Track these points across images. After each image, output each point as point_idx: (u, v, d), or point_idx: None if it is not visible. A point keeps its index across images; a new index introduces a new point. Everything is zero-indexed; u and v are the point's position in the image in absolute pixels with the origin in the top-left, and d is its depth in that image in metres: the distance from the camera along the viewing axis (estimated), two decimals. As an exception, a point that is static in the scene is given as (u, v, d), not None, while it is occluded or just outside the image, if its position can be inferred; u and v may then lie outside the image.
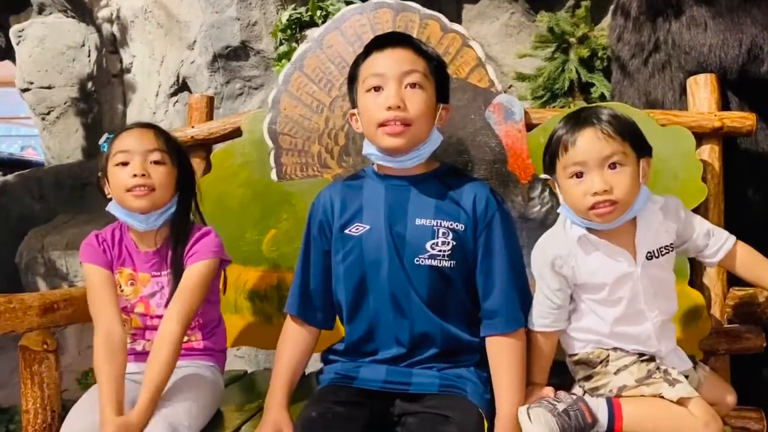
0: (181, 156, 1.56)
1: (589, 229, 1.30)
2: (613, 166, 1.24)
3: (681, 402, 1.21)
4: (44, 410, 1.45)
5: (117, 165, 1.47)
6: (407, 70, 1.32)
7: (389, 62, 1.33)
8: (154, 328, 1.48)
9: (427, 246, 1.33)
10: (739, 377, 1.63)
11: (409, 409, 1.29)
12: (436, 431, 1.20)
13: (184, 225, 1.53)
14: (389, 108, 1.30)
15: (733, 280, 1.63)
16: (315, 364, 1.56)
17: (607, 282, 1.29)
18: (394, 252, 1.34)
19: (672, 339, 1.35)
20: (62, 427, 1.35)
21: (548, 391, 1.31)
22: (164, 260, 1.51)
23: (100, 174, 1.54)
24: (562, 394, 1.28)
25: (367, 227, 1.37)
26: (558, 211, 1.37)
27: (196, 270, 1.46)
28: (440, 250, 1.33)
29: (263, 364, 2.30)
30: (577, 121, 1.28)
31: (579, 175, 1.26)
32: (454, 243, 1.33)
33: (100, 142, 1.55)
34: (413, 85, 1.32)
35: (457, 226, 1.35)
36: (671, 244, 1.33)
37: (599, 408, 1.24)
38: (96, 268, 1.49)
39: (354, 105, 1.43)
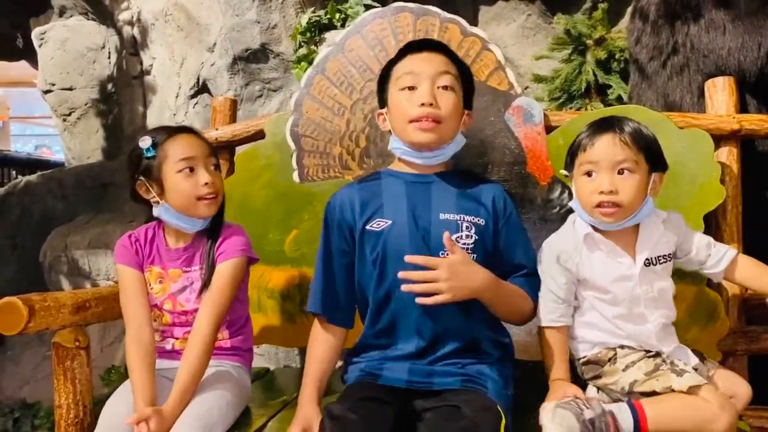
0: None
1: (595, 229, 1.38)
2: (622, 171, 1.33)
3: (691, 391, 1.24)
4: (76, 405, 1.49)
5: (180, 171, 1.48)
6: (441, 71, 1.40)
7: (424, 63, 1.41)
8: (183, 325, 1.52)
9: (452, 239, 1.36)
10: (757, 377, 1.64)
11: (429, 404, 1.32)
12: (447, 424, 1.22)
13: (219, 223, 1.56)
14: (422, 105, 1.37)
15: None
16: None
17: (606, 281, 1.36)
18: (420, 246, 1.37)
19: (673, 339, 1.40)
20: (101, 414, 1.40)
21: (575, 390, 1.32)
22: (194, 256, 1.55)
23: (141, 178, 1.51)
24: (594, 402, 1.28)
25: (389, 222, 1.41)
26: (570, 204, 1.44)
27: (225, 269, 1.49)
28: (464, 244, 1.38)
29: (284, 362, 2.33)
30: (601, 125, 1.38)
31: (591, 173, 1.35)
32: (477, 237, 1.39)
33: (144, 145, 1.50)
34: (446, 87, 1.40)
35: (478, 221, 1.41)
36: (670, 254, 1.40)
37: (622, 413, 1.24)
38: (128, 270, 1.54)
39: (383, 105, 1.48)
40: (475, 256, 1.38)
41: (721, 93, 1.78)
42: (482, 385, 1.34)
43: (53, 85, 3.73)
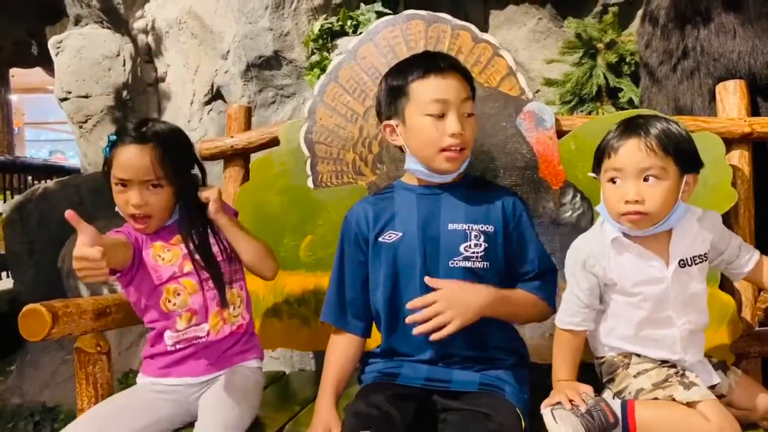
0: (180, 164, 1.51)
1: (624, 233, 1.34)
2: (648, 178, 1.28)
3: (692, 405, 1.23)
4: (98, 409, 1.53)
5: (117, 184, 1.49)
6: (464, 98, 1.42)
7: (451, 90, 1.41)
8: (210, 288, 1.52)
9: (461, 248, 1.40)
10: (771, 380, 1.65)
11: (450, 405, 1.34)
12: (479, 428, 1.24)
13: (190, 222, 1.53)
14: (452, 135, 1.38)
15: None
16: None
17: (634, 283, 1.33)
18: (429, 256, 1.40)
19: (700, 350, 1.37)
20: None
21: (576, 388, 1.32)
22: (173, 229, 1.54)
23: (105, 169, 1.52)
24: (586, 396, 1.30)
25: (400, 234, 1.44)
26: (596, 209, 1.41)
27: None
28: (473, 252, 1.40)
29: (298, 365, 2.35)
30: (627, 128, 1.32)
31: (615, 180, 1.31)
32: (486, 245, 1.41)
33: (103, 146, 1.52)
34: (469, 114, 1.43)
35: (488, 228, 1.42)
36: (705, 254, 1.36)
37: (616, 409, 1.27)
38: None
39: (392, 116, 1.47)
40: (486, 264, 1.40)
41: (732, 96, 1.78)
42: (500, 389, 1.36)
43: (69, 92, 3.78)
